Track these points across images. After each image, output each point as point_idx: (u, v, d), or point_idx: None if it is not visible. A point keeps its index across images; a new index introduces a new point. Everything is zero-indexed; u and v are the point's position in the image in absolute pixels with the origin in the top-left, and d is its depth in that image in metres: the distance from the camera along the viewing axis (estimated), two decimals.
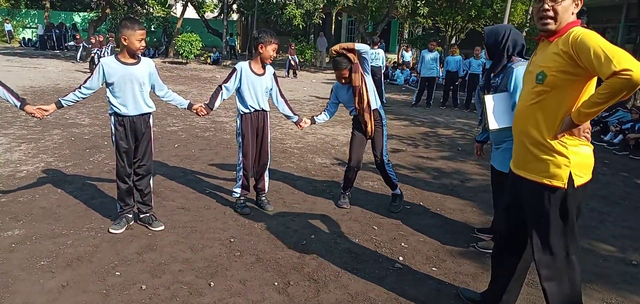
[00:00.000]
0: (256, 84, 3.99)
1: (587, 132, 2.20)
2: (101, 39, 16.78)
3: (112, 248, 3.38)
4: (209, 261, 3.28)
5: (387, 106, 11.25)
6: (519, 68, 3.11)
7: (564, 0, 2.14)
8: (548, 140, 2.19)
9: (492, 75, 3.35)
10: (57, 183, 4.67)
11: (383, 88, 11.71)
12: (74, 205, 4.14)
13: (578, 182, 2.19)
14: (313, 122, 4.40)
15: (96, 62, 14.40)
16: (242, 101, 4.03)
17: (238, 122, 4.10)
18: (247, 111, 4.03)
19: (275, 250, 3.49)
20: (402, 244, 3.71)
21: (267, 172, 4.32)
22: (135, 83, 3.50)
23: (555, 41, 2.16)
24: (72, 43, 22.29)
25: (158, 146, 6.35)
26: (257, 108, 4.04)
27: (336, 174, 5.56)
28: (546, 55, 2.20)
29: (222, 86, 4.02)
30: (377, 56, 11.48)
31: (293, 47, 19.60)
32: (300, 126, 4.33)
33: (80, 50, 19.77)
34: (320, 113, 4.45)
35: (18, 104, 3.46)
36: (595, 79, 2.12)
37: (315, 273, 3.18)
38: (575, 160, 2.17)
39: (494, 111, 3.17)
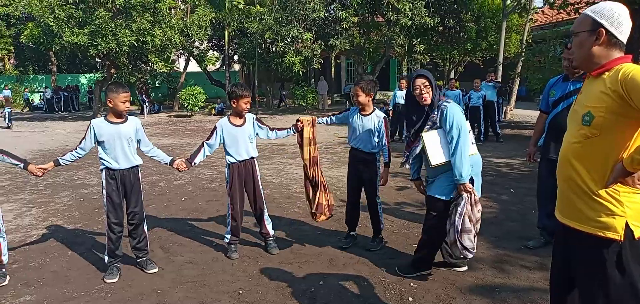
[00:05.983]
0: (238, 135, 4.21)
1: None
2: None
3: None
4: None
5: (392, 142, 11.33)
6: (450, 105, 3.42)
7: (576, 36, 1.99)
8: (597, 189, 1.92)
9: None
10: (68, 245, 4.73)
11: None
12: (85, 267, 4.19)
13: (639, 233, 1.88)
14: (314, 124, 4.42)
15: None
16: (228, 153, 4.24)
17: (226, 171, 4.31)
18: (234, 161, 4.23)
19: (283, 300, 3.50)
20: (411, 284, 3.71)
21: (266, 216, 4.43)
22: (124, 139, 3.83)
23: (601, 78, 1.92)
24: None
25: (165, 201, 6.43)
26: (243, 158, 4.24)
27: (343, 216, 5.57)
28: (593, 93, 1.94)
29: (205, 143, 4.26)
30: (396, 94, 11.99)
31: None
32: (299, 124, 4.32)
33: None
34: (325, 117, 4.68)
35: (21, 165, 3.82)
36: None
37: None
38: (633, 208, 1.88)
39: (439, 145, 3.45)
